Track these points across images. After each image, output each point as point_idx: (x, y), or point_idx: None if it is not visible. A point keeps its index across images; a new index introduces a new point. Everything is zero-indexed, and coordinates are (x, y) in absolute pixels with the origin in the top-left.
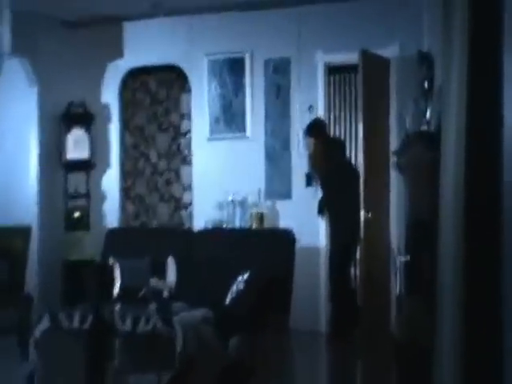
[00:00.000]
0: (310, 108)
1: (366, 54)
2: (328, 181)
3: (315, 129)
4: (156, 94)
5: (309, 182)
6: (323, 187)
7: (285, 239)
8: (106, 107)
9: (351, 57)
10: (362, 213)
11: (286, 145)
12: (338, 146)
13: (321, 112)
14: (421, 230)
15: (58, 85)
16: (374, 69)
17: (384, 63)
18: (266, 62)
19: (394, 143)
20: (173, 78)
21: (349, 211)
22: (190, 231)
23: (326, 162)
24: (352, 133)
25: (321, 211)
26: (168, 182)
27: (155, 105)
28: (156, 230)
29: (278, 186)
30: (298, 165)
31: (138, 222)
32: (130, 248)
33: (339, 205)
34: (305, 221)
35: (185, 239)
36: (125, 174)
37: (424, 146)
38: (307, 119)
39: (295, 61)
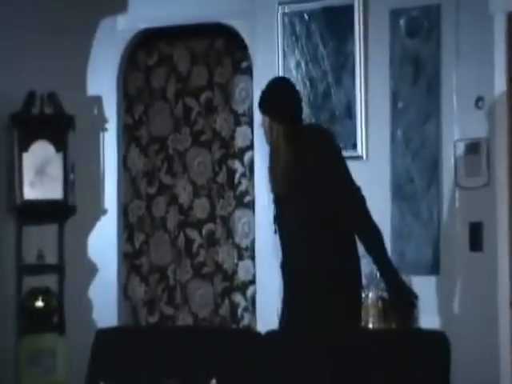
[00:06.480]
0: (479, 101)
1: None
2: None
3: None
4: (187, 78)
5: None
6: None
7: (434, 348)
8: (94, 103)
9: None
10: None
11: (432, 172)
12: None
13: (501, 110)
14: None
15: (5, 64)
16: None
17: None
18: (394, 14)
19: None
20: (218, 49)
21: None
22: (252, 333)
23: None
24: None
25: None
26: (210, 241)
27: (185, 97)
28: (189, 330)
29: (413, 249)
30: (452, 208)
31: (154, 316)
32: (139, 364)
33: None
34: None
35: (243, 348)
36: (130, 228)
37: None
38: (474, 120)
39: (448, 10)
